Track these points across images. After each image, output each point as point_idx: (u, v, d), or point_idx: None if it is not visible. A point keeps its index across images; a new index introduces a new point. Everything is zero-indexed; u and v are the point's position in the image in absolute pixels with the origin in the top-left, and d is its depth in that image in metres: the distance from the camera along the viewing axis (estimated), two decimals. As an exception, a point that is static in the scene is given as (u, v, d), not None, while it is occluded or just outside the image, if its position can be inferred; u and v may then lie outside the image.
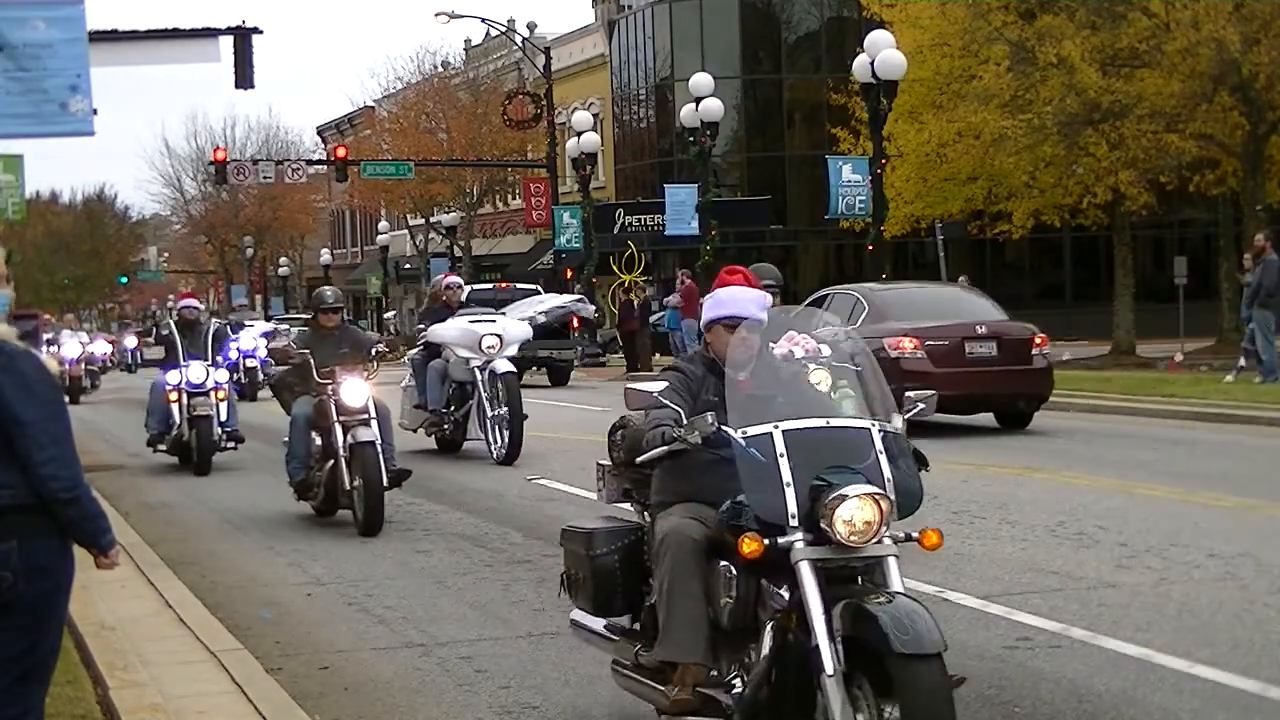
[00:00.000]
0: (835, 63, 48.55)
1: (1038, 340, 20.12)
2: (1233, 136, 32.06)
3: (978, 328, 19.85)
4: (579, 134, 43.02)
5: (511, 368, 17.54)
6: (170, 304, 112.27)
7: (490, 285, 44.55)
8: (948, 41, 34.23)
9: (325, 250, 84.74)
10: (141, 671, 7.63)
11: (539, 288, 41.28)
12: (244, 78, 28.38)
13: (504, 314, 20.59)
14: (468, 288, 43.08)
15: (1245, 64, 30.11)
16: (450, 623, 9.11)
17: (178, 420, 18.04)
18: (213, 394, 18.03)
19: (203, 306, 19.91)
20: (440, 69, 65.17)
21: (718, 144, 39.24)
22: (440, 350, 18.12)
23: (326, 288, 14.30)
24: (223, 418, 18.15)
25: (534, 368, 32.93)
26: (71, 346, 36.27)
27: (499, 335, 17.67)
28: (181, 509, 15.21)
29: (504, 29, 57.71)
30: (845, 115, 38.65)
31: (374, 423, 12.73)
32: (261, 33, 27.58)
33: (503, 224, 65.95)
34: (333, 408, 12.77)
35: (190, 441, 17.97)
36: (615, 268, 46.11)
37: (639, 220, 49.86)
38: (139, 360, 53.93)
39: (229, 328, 20.56)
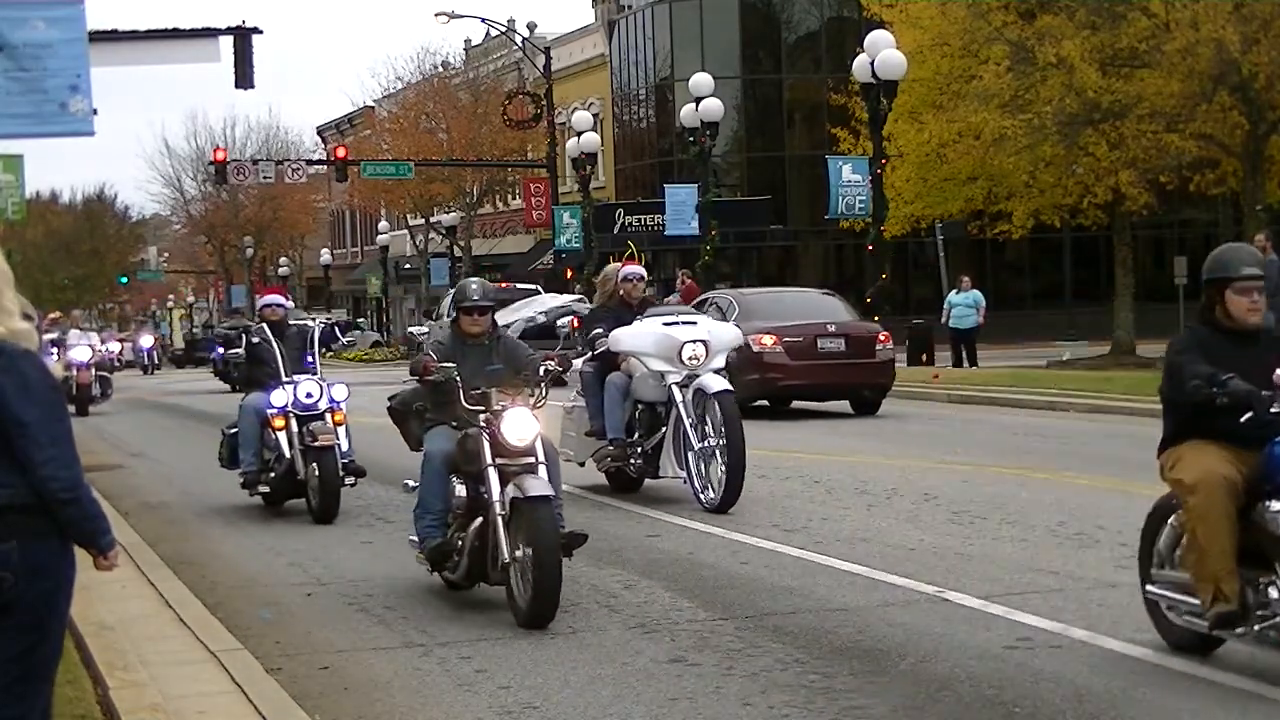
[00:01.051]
0: (835, 63, 48.58)
1: (881, 338, 23.00)
2: (1233, 136, 32.06)
3: (829, 326, 22.83)
4: (579, 134, 43.03)
5: (726, 385, 13.33)
6: (169, 305, 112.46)
7: (490, 286, 44.74)
8: (948, 41, 34.23)
9: (325, 250, 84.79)
10: (141, 671, 7.63)
11: (539, 288, 41.37)
12: (244, 78, 28.39)
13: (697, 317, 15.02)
14: None
15: (1245, 64, 30.11)
16: (450, 623, 9.11)
17: (286, 452, 13.72)
18: (330, 416, 13.89)
19: (290, 303, 15.73)
20: (440, 69, 65.19)
21: (718, 144, 39.25)
22: (617, 361, 13.93)
23: (472, 280, 10.39)
24: (344, 446, 13.86)
25: None
26: (80, 350, 30.44)
27: (704, 342, 13.48)
28: (181, 509, 15.21)
29: (504, 29, 57.73)
30: (845, 115, 38.66)
31: (543, 469, 9.23)
32: (261, 33, 27.61)
33: (503, 224, 65.97)
34: (486, 446, 9.18)
35: (307, 479, 13.66)
36: (615, 268, 46.06)
37: (639, 220, 49.88)
38: (155, 361, 50.27)
39: (335, 328, 15.48)
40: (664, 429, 13.47)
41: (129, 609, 9.17)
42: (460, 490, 9.45)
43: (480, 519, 9.18)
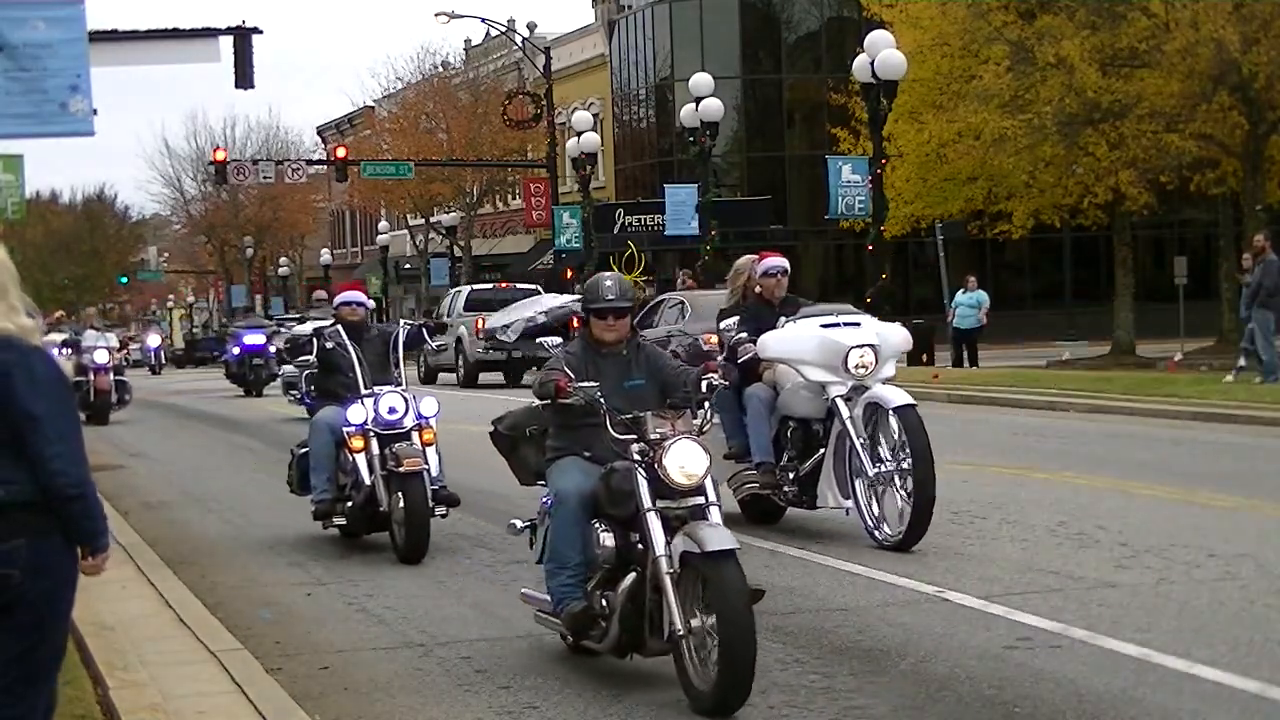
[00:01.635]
0: (835, 63, 48.58)
1: None
2: (1232, 136, 32.08)
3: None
4: (579, 134, 43.02)
5: (908, 397, 11.13)
6: (169, 305, 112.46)
7: (490, 285, 44.71)
8: (948, 41, 34.27)
9: (325, 250, 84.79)
10: (141, 671, 7.63)
11: (539, 288, 41.33)
12: (244, 78, 28.38)
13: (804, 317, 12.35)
14: (466, 288, 43.19)
15: (1245, 64, 30.13)
16: (450, 623, 9.11)
17: (366, 478, 11.41)
18: (417, 436, 11.61)
19: (371, 303, 13.42)
20: (440, 69, 65.20)
21: (718, 144, 39.24)
22: (758, 370, 11.84)
23: (605, 276, 8.17)
24: (433, 471, 11.56)
25: (535, 368, 32.93)
26: (99, 352, 26.83)
27: (873, 347, 11.34)
28: (181, 509, 15.21)
29: (504, 29, 57.73)
30: (845, 115, 38.67)
31: (716, 512, 7.32)
32: (261, 33, 27.58)
33: (503, 224, 65.97)
34: (643, 485, 7.22)
35: (390, 510, 11.36)
36: (615, 268, 46.11)
37: (639, 220, 49.88)
38: (162, 361, 48.06)
39: (425, 329, 12.92)
40: (822, 450, 11.34)
41: (129, 609, 9.17)
42: (605, 541, 7.44)
43: (633, 575, 7.34)
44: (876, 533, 10.96)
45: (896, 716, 6.89)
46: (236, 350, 34.63)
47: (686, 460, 7.24)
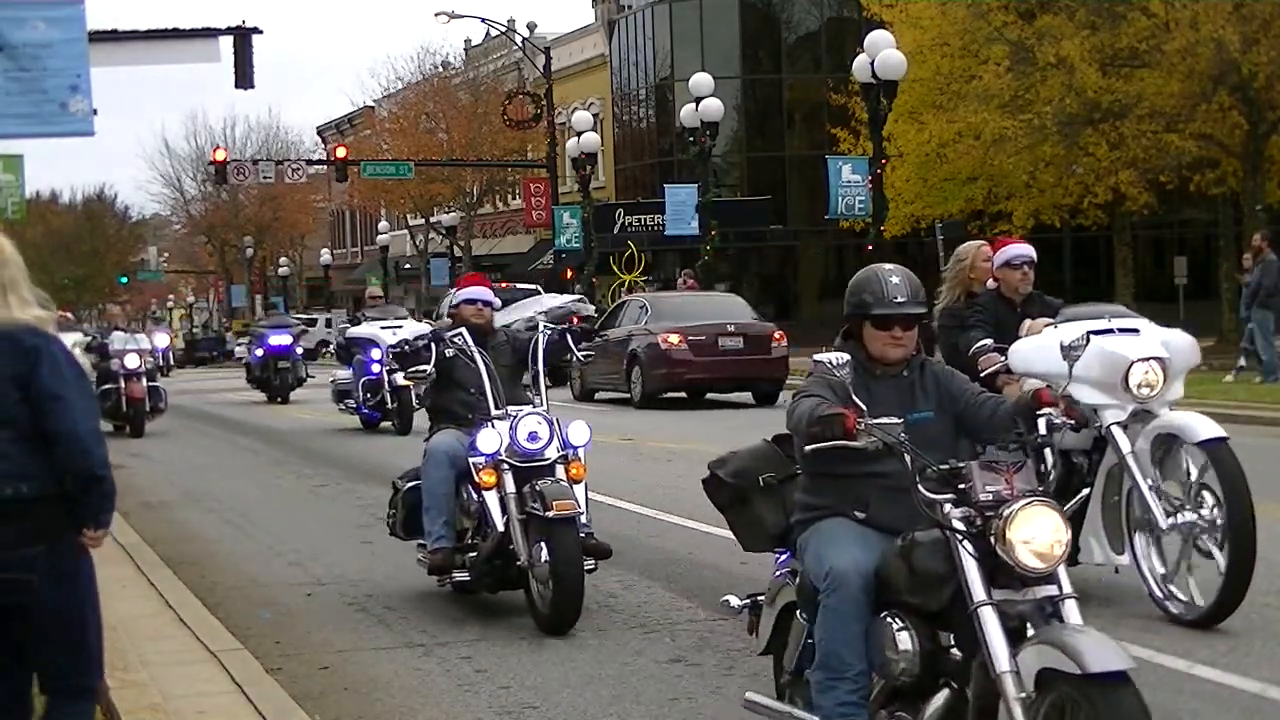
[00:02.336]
0: (835, 63, 48.54)
1: (776, 336, 25.77)
2: (1232, 136, 32.08)
3: (728, 326, 25.51)
4: (579, 134, 43.02)
5: (1217, 428, 8.55)
6: (170, 305, 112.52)
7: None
8: (948, 41, 34.26)
9: (325, 250, 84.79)
10: (141, 671, 7.63)
11: (539, 288, 41.37)
12: (244, 78, 28.38)
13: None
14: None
15: (1245, 64, 30.13)
16: (450, 623, 9.11)
17: (499, 523, 9.01)
18: (565, 470, 9.17)
19: (498, 301, 10.58)
20: (440, 69, 65.19)
21: (718, 144, 39.23)
22: (997, 384, 8.86)
23: (888, 269, 5.92)
24: (584, 515, 9.14)
25: None
26: (129, 357, 23.39)
27: (1160, 360, 8.80)
28: (181, 509, 15.21)
29: (504, 29, 57.73)
30: (845, 115, 38.66)
31: (1073, 609, 5.10)
32: (261, 33, 27.58)
33: (503, 224, 65.98)
34: (973, 569, 5.08)
35: (530, 565, 8.84)
36: (615, 268, 46.14)
37: (639, 220, 49.86)
38: (170, 362, 45.02)
39: (570, 335, 10.17)
40: (1085, 490, 8.52)
41: (129, 609, 9.16)
42: (905, 641, 5.23)
43: (945, 693, 5.19)
44: (1170, 604, 8.46)
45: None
46: (260, 352, 31.09)
47: (1041, 533, 5.02)
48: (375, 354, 21.52)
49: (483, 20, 55.13)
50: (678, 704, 7.16)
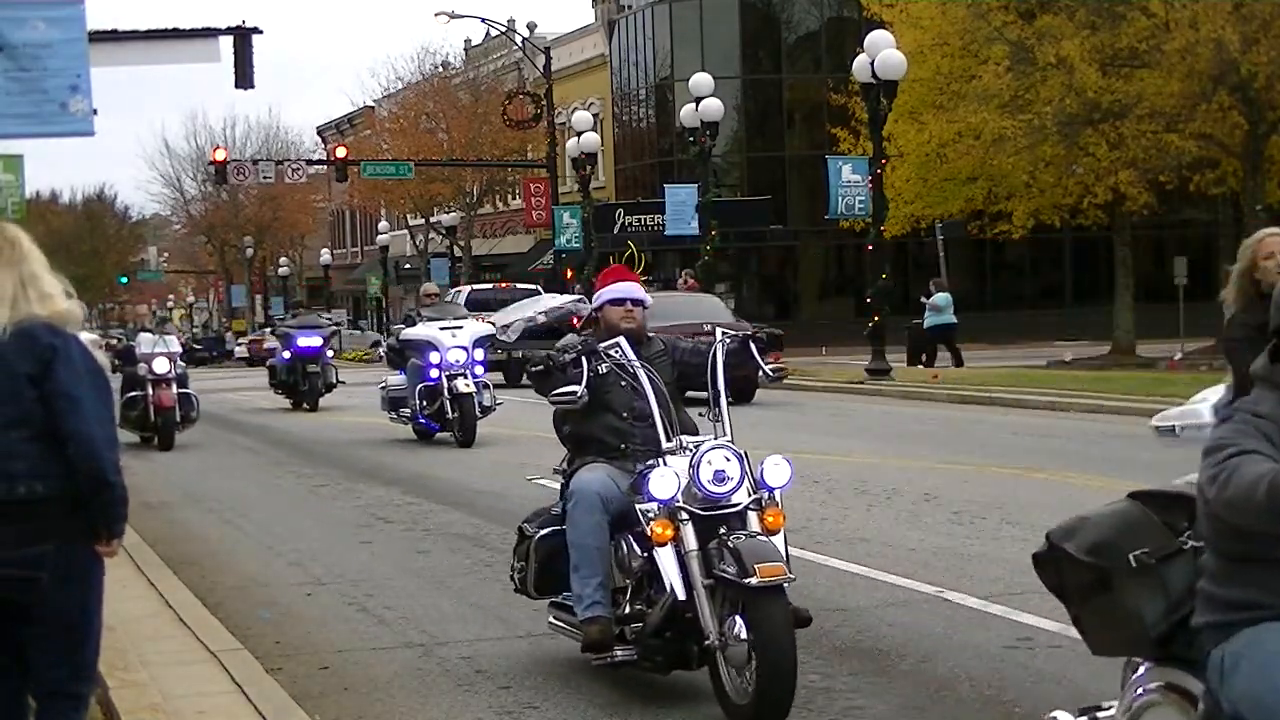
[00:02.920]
0: (835, 63, 48.58)
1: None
2: (1232, 136, 32.08)
3: (705, 326, 25.64)
4: (579, 134, 43.01)
5: None
6: (170, 305, 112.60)
7: (490, 285, 44.84)
8: (948, 41, 34.26)
9: (325, 250, 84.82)
10: (141, 671, 7.62)
11: (539, 288, 41.38)
12: (244, 78, 28.35)
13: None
14: (466, 288, 43.08)
15: (1244, 64, 30.12)
16: (450, 623, 9.11)
17: (678, 589, 6.97)
18: (758, 519, 7.14)
19: (649, 299, 8.17)
20: (440, 69, 65.21)
21: (718, 144, 39.21)
22: None
23: None
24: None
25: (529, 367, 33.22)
26: (158, 361, 21.13)
27: None
28: (181, 509, 15.20)
29: (504, 29, 57.73)
30: (845, 115, 38.66)
31: None
32: (261, 33, 27.52)
33: (503, 224, 65.98)
34: None
35: (721, 644, 6.84)
36: (615, 268, 46.11)
37: (639, 220, 49.88)
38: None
39: (753, 341, 8.04)
40: None
41: (129, 609, 9.16)
42: None
43: None
44: None
45: (896, 716, 6.89)
46: (287, 354, 28.11)
47: None
48: (434, 358, 19.59)
49: (483, 20, 55.22)
50: (678, 704, 7.16)
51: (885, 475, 14.95)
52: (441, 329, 19.99)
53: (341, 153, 54.19)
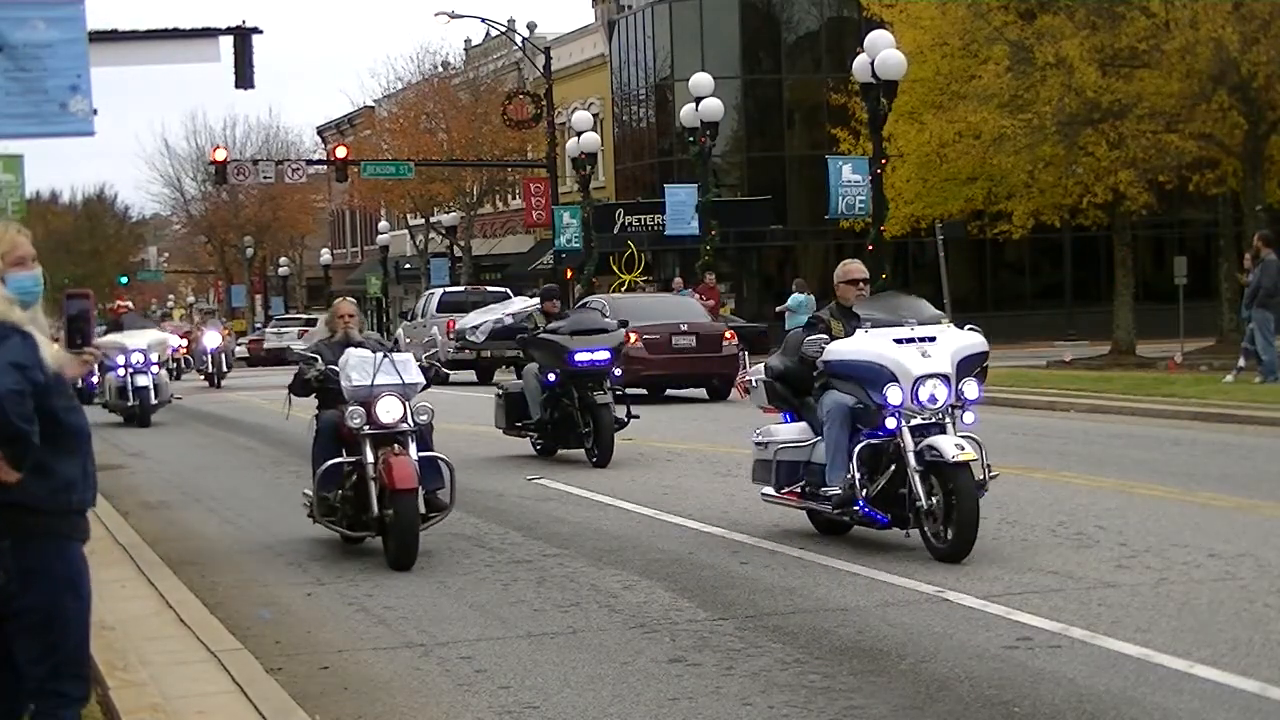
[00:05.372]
0: (835, 63, 48.56)
1: (727, 335, 27.30)
2: (1232, 136, 32.07)
3: (681, 325, 26.85)
4: (579, 134, 43.02)
5: None
6: (170, 305, 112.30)
7: (462, 288, 45.77)
8: (948, 41, 34.24)
9: (325, 250, 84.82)
10: (141, 671, 7.63)
11: (508, 291, 41.91)
12: (244, 78, 28.36)
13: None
14: (439, 290, 43.03)
15: (1244, 63, 30.11)
16: (450, 623, 9.11)
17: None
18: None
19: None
20: (440, 69, 65.21)
21: (718, 144, 39.22)
22: None
23: None
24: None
25: (504, 365, 34.80)
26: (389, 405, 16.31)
27: None
28: (181, 509, 15.21)
29: (504, 29, 57.73)
30: (845, 115, 38.66)
31: None
32: (261, 33, 27.56)
33: (503, 224, 65.98)
34: None
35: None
36: (615, 268, 46.14)
37: (639, 220, 49.89)
38: (223, 368, 39.09)
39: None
40: None
41: (129, 609, 9.17)
42: None
43: None
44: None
45: (896, 716, 6.90)
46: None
47: None
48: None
49: (483, 20, 55.19)
50: (678, 704, 7.16)
51: (885, 475, 14.93)
52: (574, 335, 16.93)
53: (341, 153, 54.16)
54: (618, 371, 17.24)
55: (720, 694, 7.29)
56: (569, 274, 45.83)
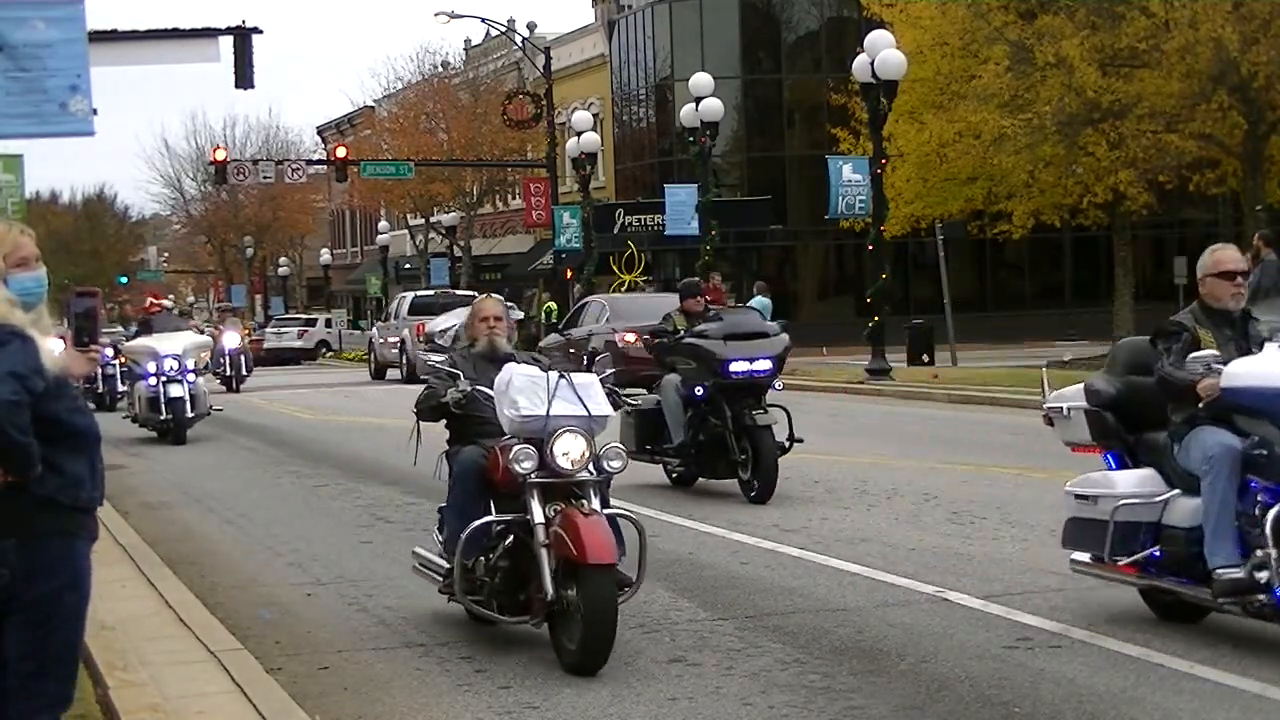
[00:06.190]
0: (835, 63, 48.55)
1: None
2: (1232, 136, 32.07)
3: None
4: (579, 134, 43.01)
5: None
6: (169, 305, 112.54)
7: (432, 291, 45.96)
8: (948, 41, 34.25)
9: (325, 250, 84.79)
10: (141, 671, 7.63)
11: (474, 294, 41.99)
12: (244, 78, 28.38)
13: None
14: (410, 294, 43.21)
15: (1244, 63, 30.12)
16: (450, 623, 9.10)
17: None
18: None
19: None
20: (440, 69, 65.19)
21: (718, 144, 39.20)
22: None
23: None
24: None
25: None
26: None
27: None
28: (181, 509, 15.20)
29: (504, 29, 57.72)
30: (845, 115, 38.66)
31: None
32: (261, 33, 27.57)
33: (503, 224, 65.97)
34: None
35: None
36: (615, 268, 46.14)
37: (639, 220, 49.87)
38: (248, 369, 35.90)
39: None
40: None
41: (129, 609, 9.16)
42: None
43: None
44: None
45: (896, 716, 6.89)
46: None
47: None
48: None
49: (483, 20, 55.16)
50: (677, 704, 7.16)
51: (885, 475, 14.95)
52: (728, 340, 14.05)
53: (341, 153, 54.17)
54: (779, 385, 14.20)
55: (720, 694, 7.29)
56: (569, 274, 45.84)
